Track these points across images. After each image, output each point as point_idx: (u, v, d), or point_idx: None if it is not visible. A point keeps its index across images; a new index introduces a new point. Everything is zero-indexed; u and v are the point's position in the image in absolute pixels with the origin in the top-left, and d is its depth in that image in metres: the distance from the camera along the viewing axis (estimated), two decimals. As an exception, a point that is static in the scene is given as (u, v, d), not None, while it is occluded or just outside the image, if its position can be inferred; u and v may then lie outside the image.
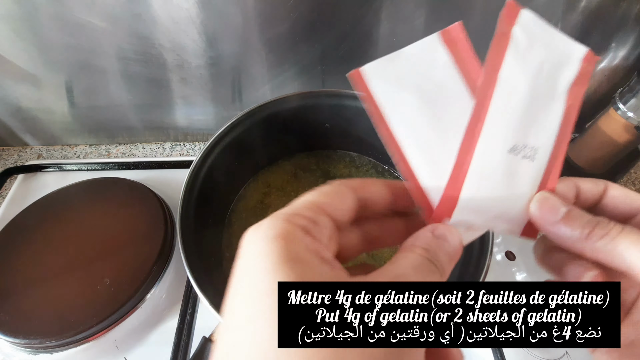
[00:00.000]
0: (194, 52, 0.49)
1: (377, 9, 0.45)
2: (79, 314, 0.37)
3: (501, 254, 0.48)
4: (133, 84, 0.54)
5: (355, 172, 0.50)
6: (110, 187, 0.49)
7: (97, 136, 0.64)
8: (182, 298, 0.41)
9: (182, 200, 0.35)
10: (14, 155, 0.64)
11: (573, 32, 0.48)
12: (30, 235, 0.44)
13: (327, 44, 0.49)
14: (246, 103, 0.57)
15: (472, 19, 0.47)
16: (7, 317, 0.37)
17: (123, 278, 0.40)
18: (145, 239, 0.43)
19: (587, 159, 0.55)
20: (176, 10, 0.44)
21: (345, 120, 0.46)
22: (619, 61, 0.52)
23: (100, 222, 0.45)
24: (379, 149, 0.49)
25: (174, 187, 0.51)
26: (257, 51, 0.50)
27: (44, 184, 0.55)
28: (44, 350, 0.38)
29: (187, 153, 0.64)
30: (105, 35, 0.47)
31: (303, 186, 0.49)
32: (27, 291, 0.39)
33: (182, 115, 0.60)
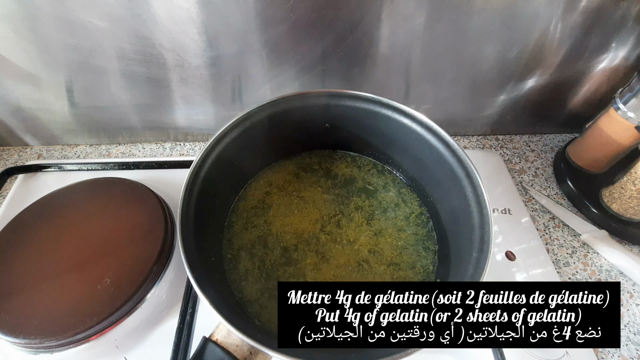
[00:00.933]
0: (194, 52, 0.49)
1: (377, 9, 0.45)
2: (79, 314, 0.37)
3: (501, 254, 0.48)
4: (133, 84, 0.54)
5: (357, 171, 0.50)
6: (110, 187, 0.49)
7: (97, 136, 0.64)
8: (182, 298, 0.41)
9: (182, 200, 0.35)
10: (14, 155, 0.64)
11: (573, 32, 0.48)
12: (30, 235, 0.44)
13: (327, 44, 0.49)
14: (246, 103, 0.57)
15: (472, 18, 0.47)
16: (7, 317, 0.37)
17: (123, 278, 0.40)
18: (145, 239, 0.43)
19: (587, 159, 0.55)
20: (176, 10, 0.44)
21: (345, 120, 0.46)
22: (619, 61, 0.52)
23: (100, 222, 0.45)
24: (379, 149, 0.49)
25: (174, 187, 0.51)
26: (257, 51, 0.50)
27: (44, 184, 0.55)
28: (44, 350, 0.38)
29: (187, 153, 0.64)
30: (105, 35, 0.47)
31: (305, 186, 0.49)
32: (27, 291, 0.39)
33: (182, 115, 0.60)
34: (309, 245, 0.43)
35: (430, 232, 0.44)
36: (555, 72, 0.54)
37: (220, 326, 0.31)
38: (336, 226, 0.45)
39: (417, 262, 0.42)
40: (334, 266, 0.41)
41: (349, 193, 0.48)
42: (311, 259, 0.42)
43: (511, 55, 0.51)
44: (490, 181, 0.56)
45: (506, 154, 0.63)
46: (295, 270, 0.41)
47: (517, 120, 0.63)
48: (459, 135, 0.66)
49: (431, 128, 0.40)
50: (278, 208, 0.46)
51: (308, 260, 0.42)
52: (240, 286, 0.40)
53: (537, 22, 0.47)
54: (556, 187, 0.58)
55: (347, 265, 0.41)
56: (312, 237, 0.44)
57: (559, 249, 0.51)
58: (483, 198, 0.35)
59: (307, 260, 0.42)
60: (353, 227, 0.45)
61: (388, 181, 0.49)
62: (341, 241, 0.44)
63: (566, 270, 0.48)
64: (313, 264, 0.42)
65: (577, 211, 0.55)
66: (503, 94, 0.58)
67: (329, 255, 0.42)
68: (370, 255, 0.42)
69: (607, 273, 0.48)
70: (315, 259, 0.42)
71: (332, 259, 0.42)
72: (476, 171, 0.37)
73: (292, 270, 0.41)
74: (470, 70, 0.54)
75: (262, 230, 0.44)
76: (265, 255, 0.42)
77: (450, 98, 0.58)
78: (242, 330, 0.27)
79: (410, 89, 0.57)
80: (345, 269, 0.41)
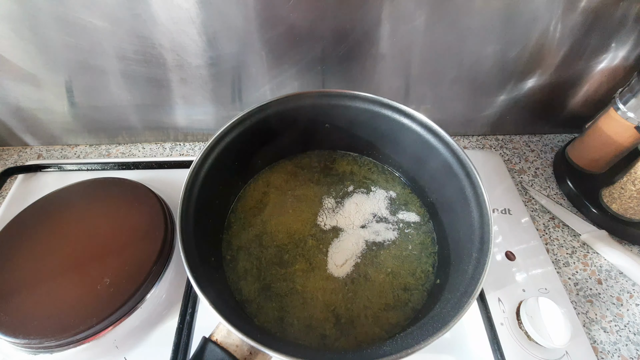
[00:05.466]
0: (194, 52, 0.49)
1: (377, 9, 0.45)
2: (79, 314, 0.37)
3: (501, 254, 0.48)
4: (133, 84, 0.54)
5: (357, 169, 0.50)
6: (110, 187, 0.49)
7: (97, 136, 0.64)
8: (182, 298, 0.41)
9: (182, 200, 0.35)
10: (14, 155, 0.64)
11: (573, 32, 0.48)
12: (30, 235, 0.44)
13: (327, 44, 0.49)
14: (246, 103, 0.57)
15: (472, 19, 0.47)
16: (7, 317, 0.37)
17: (123, 278, 0.40)
18: (145, 239, 0.43)
19: (587, 159, 0.55)
20: (176, 10, 0.44)
21: (345, 120, 0.46)
22: (619, 61, 0.52)
23: (100, 222, 0.45)
24: (379, 149, 0.49)
25: (174, 187, 0.51)
26: (257, 51, 0.50)
27: (44, 184, 0.55)
28: (44, 350, 0.38)
29: (187, 153, 0.64)
30: (105, 35, 0.47)
31: (303, 186, 0.48)
32: (27, 291, 0.39)
33: (182, 115, 0.60)
34: (313, 238, 0.43)
35: (431, 232, 0.44)
36: (555, 72, 0.54)
37: (220, 326, 0.31)
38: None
39: (417, 266, 0.42)
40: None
41: (349, 193, 0.48)
42: (311, 255, 0.42)
43: (511, 55, 0.51)
44: (490, 181, 0.56)
45: (506, 154, 0.63)
46: (295, 265, 0.41)
47: (517, 120, 0.63)
48: (459, 135, 0.66)
49: (431, 128, 0.40)
50: (274, 207, 0.46)
51: (305, 260, 0.42)
52: (239, 286, 0.40)
53: (537, 22, 0.47)
54: (556, 187, 0.58)
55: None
56: (313, 234, 0.44)
57: (558, 249, 0.51)
58: (483, 198, 0.35)
59: (303, 260, 0.42)
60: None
61: (388, 181, 0.49)
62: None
63: (566, 271, 0.48)
64: (312, 259, 0.42)
65: (577, 211, 0.55)
66: (503, 94, 0.58)
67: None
68: (369, 266, 0.42)
69: (606, 273, 0.48)
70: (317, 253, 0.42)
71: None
72: (476, 171, 0.37)
73: (284, 273, 0.41)
74: (470, 70, 0.54)
75: (258, 229, 0.44)
76: (261, 254, 0.42)
77: (450, 98, 0.58)
78: (242, 330, 0.27)
79: (410, 89, 0.57)
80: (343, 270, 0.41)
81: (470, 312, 0.30)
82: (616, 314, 0.44)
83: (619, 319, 0.44)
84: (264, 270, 0.41)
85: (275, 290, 0.40)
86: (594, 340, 0.42)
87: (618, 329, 0.43)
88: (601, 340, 0.42)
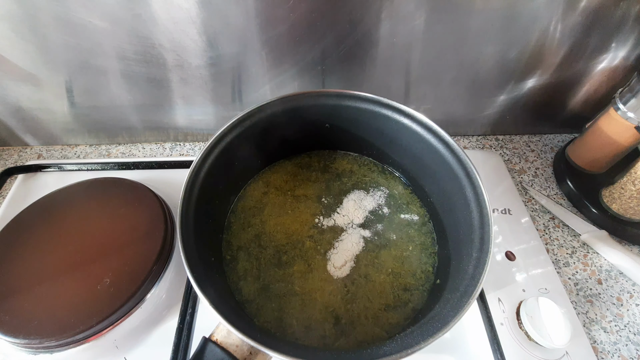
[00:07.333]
0: (194, 52, 0.49)
1: (377, 9, 0.45)
2: (79, 314, 0.37)
3: (501, 254, 0.48)
4: (133, 84, 0.54)
5: (357, 169, 0.50)
6: (110, 187, 0.49)
7: (97, 136, 0.64)
8: (182, 298, 0.41)
9: (182, 200, 0.35)
10: (14, 155, 0.64)
11: (573, 32, 0.48)
12: (30, 235, 0.44)
13: (327, 44, 0.49)
14: (246, 103, 0.57)
15: (472, 19, 0.47)
16: (7, 317, 0.37)
17: (123, 278, 0.40)
18: (145, 239, 0.43)
19: (587, 159, 0.55)
20: (176, 10, 0.44)
21: (345, 120, 0.46)
22: (619, 61, 0.52)
23: (100, 222, 0.45)
24: (379, 148, 0.49)
25: (174, 187, 0.51)
26: (257, 51, 0.50)
27: (44, 184, 0.55)
28: (44, 350, 0.38)
29: (187, 153, 0.64)
30: (105, 35, 0.47)
31: (303, 186, 0.48)
32: (27, 291, 0.39)
33: (182, 115, 0.60)
34: (312, 238, 0.43)
35: (431, 232, 0.44)
36: (555, 72, 0.54)
37: (220, 326, 0.31)
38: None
39: (417, 266, 0.42)
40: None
41: (349, 193, 0.48)
42: (310, 251, 0.42)
43: (511, 56, 0.51)
44: (490, 181, 0.56)
45: (506, 154, 0.63)
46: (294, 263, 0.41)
47: (517, 121, 0.63)
48: (459, 135, 0.66)
49: (431, 128, 0.40)
50: (273, 207, 0.46)
51: (303, 261, 0.42)
52: (239, 286, 0.40)
53: (537, 22, 0.47)
54: (556, 187, 0.58)
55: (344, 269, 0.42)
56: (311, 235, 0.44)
57: (558, 249, 0.51)
58: (483, 198, 0.35)
59: (301, 262, 0.42)
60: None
61: (388, 180, 0.49)
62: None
63: (566, 271, 0.48)
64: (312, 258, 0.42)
65: (577, 211, 0.55)
66: (503, 94, 0.58)
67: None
68: (370, 267, 0.42)
69: (606, 273, 0.48)
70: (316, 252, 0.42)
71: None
72: (476, 171, 0.37)
73: (282, 274, 0.41)
74: (470, 70, 0.54)
75: (257, 229, 0.44)
76: (260, 254, 0.42)
77: (450, 98, 0.58)
78: (242, 330, 0.27)
79: (410, 89, 0.57)
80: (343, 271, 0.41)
81: (470, 312, 0.30)
82: (616, 314, 0.44)
83: (619, 319, 0.44)
84: (263, 271, 0.41)
85: (274, 291, 0.40)
86: (594, 340, 0.42)
87: (618, 329, 0.43)
88: (601, 340, 0.42)
